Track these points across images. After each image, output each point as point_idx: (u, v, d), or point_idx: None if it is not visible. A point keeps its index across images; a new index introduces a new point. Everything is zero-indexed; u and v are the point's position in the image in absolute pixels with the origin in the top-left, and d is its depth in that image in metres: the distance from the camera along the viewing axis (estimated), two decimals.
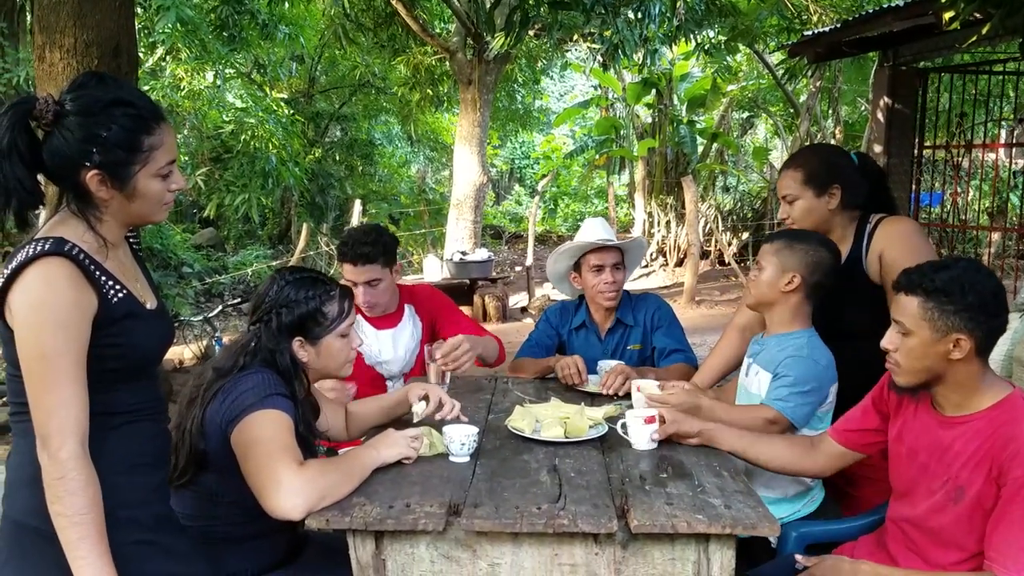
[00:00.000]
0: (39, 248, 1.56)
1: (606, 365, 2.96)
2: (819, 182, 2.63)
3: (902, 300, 1.90)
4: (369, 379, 3.11)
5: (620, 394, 2.74)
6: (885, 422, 2.12)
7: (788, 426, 2.35)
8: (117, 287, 1.65)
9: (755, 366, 2.55)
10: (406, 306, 3.28)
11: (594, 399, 2.75)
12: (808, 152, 2.89)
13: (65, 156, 1.59)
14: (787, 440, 2.29)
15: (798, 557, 2.13)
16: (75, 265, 1.57)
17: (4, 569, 1.67)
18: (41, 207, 1.66)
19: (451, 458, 2.12)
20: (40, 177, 1.64)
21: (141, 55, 10.57)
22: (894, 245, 2.55)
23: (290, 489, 1.78)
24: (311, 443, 2.14)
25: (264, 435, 1.87)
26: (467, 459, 2.12)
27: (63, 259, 1.56)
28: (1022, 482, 1.72)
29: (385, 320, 3.22)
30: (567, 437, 2.26)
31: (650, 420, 2.23)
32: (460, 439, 2.11)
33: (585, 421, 2.31)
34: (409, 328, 3.26)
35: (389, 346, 3.20)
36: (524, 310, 10.89)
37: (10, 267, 1.57)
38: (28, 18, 8.95)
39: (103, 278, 1.63)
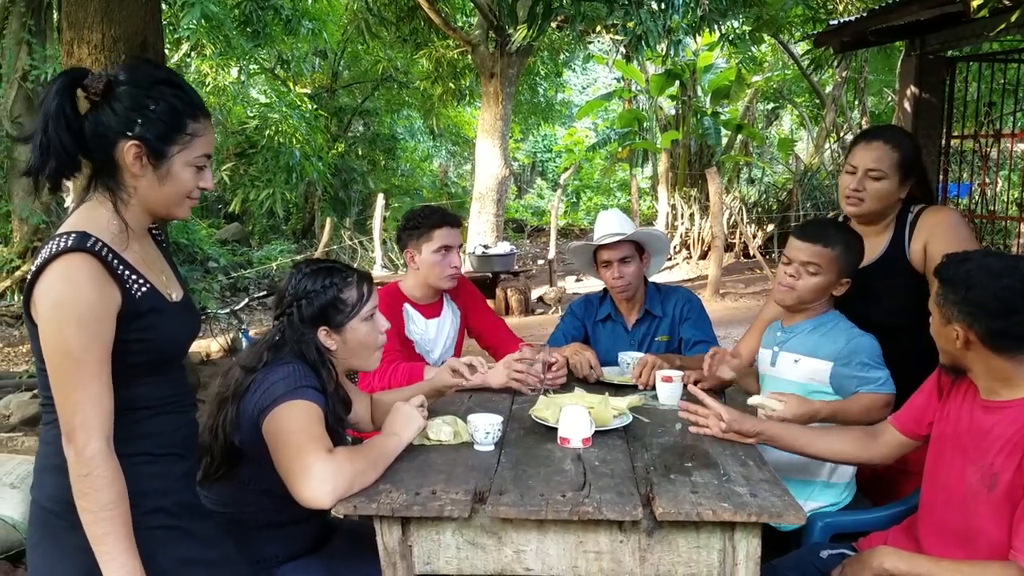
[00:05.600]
0: (62, 244, 1.56)
1: (627, 356, 2.96)
2: (907, 169, 2.58)
3: (934, 283, 1.95)
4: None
5: (648, 385, 2.75)
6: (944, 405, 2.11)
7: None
8: (140, 281, 1.65)
9: (786, 354, 2.53)
10: (443, 294, 3.32)
11: (618, 389, 2.76)
12: (901, 133, 2.72)
13: (108, 127, 1.61)
14: (846, 433, 2.28)
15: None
16: (98, 261, 1.56)
17: (35, 552, 1.70)
18: (75, 176, 1.65)
19: (475, 447, 2.14)
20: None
21: (167, 51, 10.66)
22: (939, 236, 2.51)
23: (320, 478, 1.80)
24: (341, 434, 2.17)
25: (294, 425, 1.89)
26: (491, 448, 2.13)
27: (85, 255, 1.56)
28: None
29: (431, 309, 3.27)
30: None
31: (667, 379, 2.59)
32: (484, 428, 2.13)
33: (609, 411, 2.31)
34: (449, 316, 3.32)
35: (435, 334, 3.25)
36: (540, 300, 10.89)
37: (35, 264, 1.58)
38: (55, 15, 9.06)
39: (126, 272, 1.62)
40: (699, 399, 2.31)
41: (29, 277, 1.58)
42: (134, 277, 1.63)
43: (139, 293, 1.63)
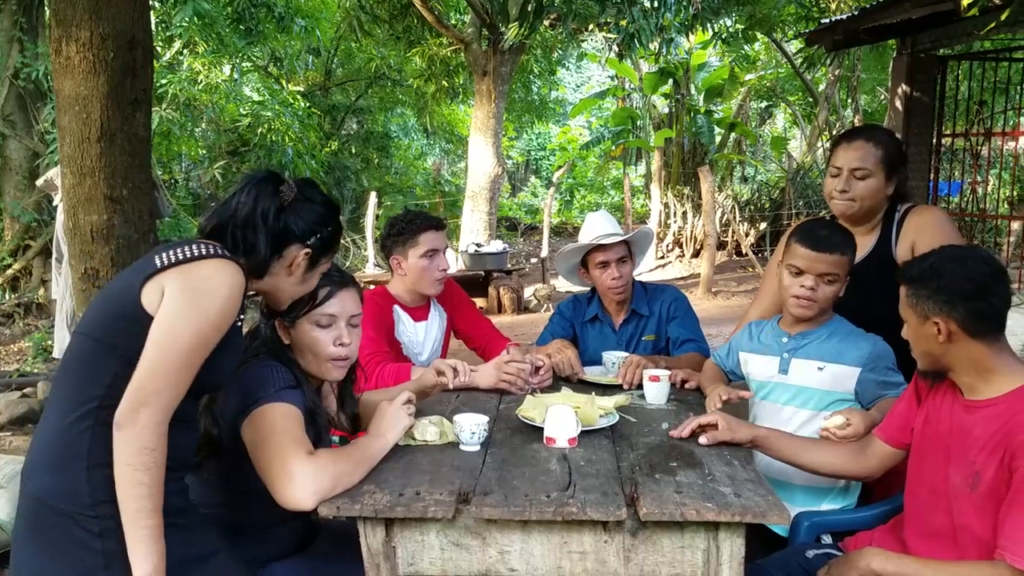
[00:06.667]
0: (219, 250, 1.75)
1: (612, 356, 2.96)
2: (892, 166, 2.58)
3: (899, 289, 1.97)
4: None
5: (633, 384, 2.75)
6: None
7: None
8: (243, 317, 1.84)
9: (803, 361, 2.49)
10: (430, 297, 3.32)
11: (605, 389, 2.75)
12: (882, 131, 2.71)
13: (292, 229, 1.87)
14: (837, 445, 2.27)
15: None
16: (245, 279, 1.76)
17: (23, 548, 1.69)
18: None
19: (461, 447, 2.13)
20: None
21: (159, 49, 10.63)
22: (926, 235, 2.51)
23: (302, 480, 1.80)
24: (324, 435, 2.16)
25: (274, 428, 1.88)
26: (477, 448, 2.13)
27: (239, 269, 1.76)
28: None
29: (419, 312, 3.27)
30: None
31: (654, 379, 2.57)
32: (470, 428, 2.12)
33: (596, 410, 2.31)
34: (436, 319, 3.33)
35: (423, 337, 3.26)
36: (533, 296, 10.88)
37: (188, 252, 1.72)
38: (47, 13, 9.01)
39: (244, 303, 1.82)
40: (692, 423, 2.21)
41: (171, 260, 1.70)
42: (242, 314, 1.82)
43: (240, 323, 1.83)
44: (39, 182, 6.44)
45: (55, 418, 1.70)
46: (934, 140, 6.41)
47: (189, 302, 1.66)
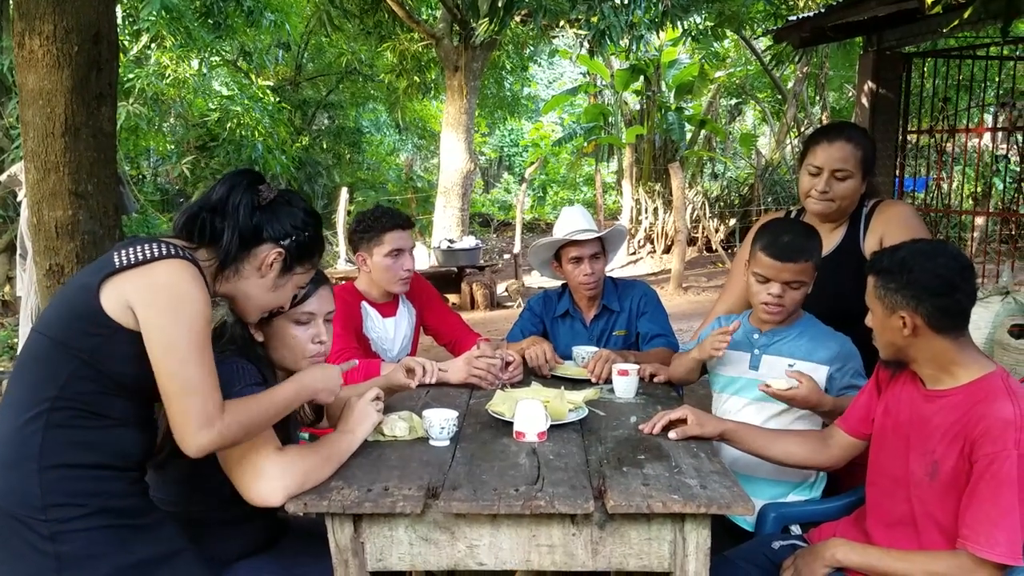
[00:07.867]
0: (172, 250, 1.69)
1: (582, 351, 2.97)
2: (868, 167, 2.60)
3: (868, 279, 1.99)
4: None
5: (601, 378, 2.76)
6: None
7: None
8: None
9: (774, 358, 2.50)
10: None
11: (574, 384, 2.77)
12: (860, 131, 2.69)
13: (267, 229, 1.86)
14: (801, 436, 2.31)
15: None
16: (203, 277, 1.72)
17: None
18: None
19: (431, 442, 2.13)
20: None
21: (126, 43, 10.48)
22: (894, 229, 2.54)
23: (270, 476, 1.79)
24: (292, 433, 2.15)
25: None
26: (447, 443, 2.13)
27: (196, 267, 1.71)
28: (991, 459, 1.74)
29: (387, 308, 3.27)
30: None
31: (623, 373, 2.60)
32: (440, 423, 2.12)
33: (565, 405, 2.32)
34: (405, 315, 3.33)
35: (392, 333, 3.26)
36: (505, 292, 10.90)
37: (146, 253, 1.67)
38: (11, 6, 8.85)
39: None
40: (662, 420, 2.22)
41: (128, 260, 1.66)
42: None
43: None
44: (2, 177, 6.34)
45: (9, 418, 1.67)
46: (900, 136, 6.49)
47: (172, 319, 1.64)
